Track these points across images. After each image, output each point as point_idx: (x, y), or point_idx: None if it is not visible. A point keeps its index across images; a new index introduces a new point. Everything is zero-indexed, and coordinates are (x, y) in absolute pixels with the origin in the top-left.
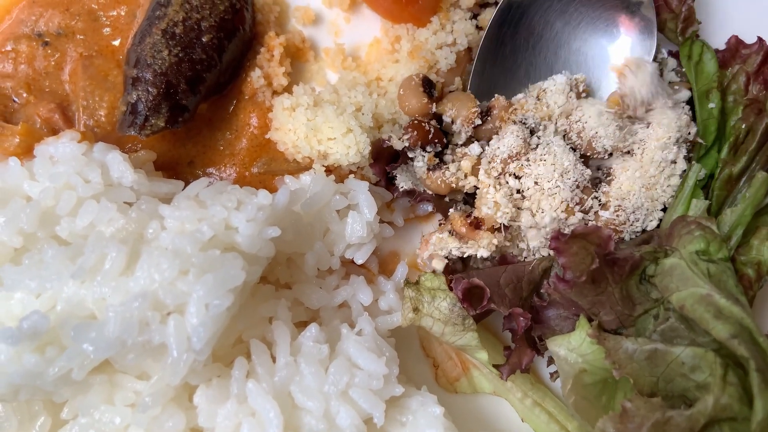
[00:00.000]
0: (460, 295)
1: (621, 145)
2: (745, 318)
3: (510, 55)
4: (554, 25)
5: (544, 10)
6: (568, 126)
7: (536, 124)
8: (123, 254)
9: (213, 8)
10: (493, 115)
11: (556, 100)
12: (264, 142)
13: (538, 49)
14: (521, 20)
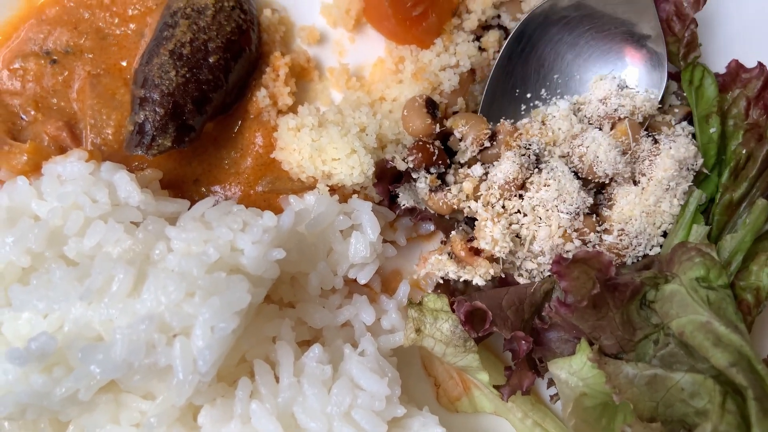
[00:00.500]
0: (462, 318)
1: (623, 172)
2: (744, 346)
3: (520, 84)
4: (564, 57)
5: (555, 42)
6: (570, 150)
7: (541, 149)
8: (130, 276)
9: (220, 29)
10: (498, 140)
11: (560, 125)
12: (269, 161)
13: (548, 79)
14: (532, 51)
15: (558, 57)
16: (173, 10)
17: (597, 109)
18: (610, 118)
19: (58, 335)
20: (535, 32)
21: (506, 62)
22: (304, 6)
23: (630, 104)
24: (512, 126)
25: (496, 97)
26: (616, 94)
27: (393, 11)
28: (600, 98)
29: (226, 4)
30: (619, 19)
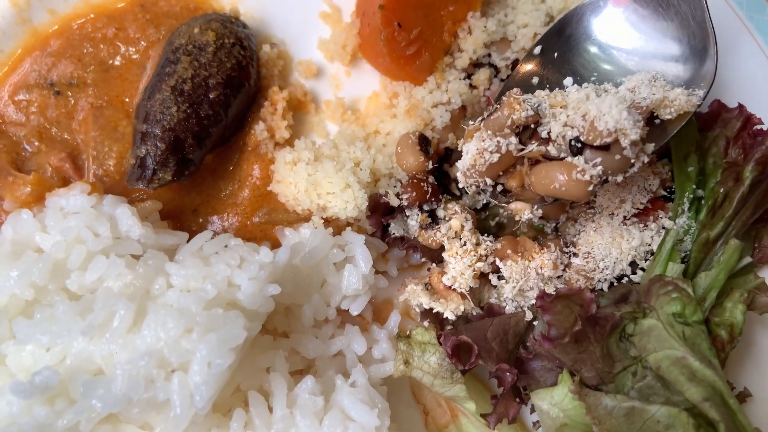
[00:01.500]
0: (449, 351)
1: (632, 129)
2: (717, 381)
3: (551, 77)
4: (602, 64)
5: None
6: (574, 113)
7: (543, 108)
8: (131, 312)
9: (220, 65)
10: (503, 102)
11: (574, 95)
12: (265, 193)
13: (584, 79)
14: (570, 48)
15: (599, 59)
16: (175, 46)
17: (624, 96)
18: (637, 107)
19: (60, 368)
20: (576, 31)
21: (540, 51)
22: (303, 41)
23: (660, 94)
24: (520, 92)
25: (524, 83)
26: (647, 84)
27: (388, 50)
28: (630, 87)
29: (226, 41)
30: (667, 16)
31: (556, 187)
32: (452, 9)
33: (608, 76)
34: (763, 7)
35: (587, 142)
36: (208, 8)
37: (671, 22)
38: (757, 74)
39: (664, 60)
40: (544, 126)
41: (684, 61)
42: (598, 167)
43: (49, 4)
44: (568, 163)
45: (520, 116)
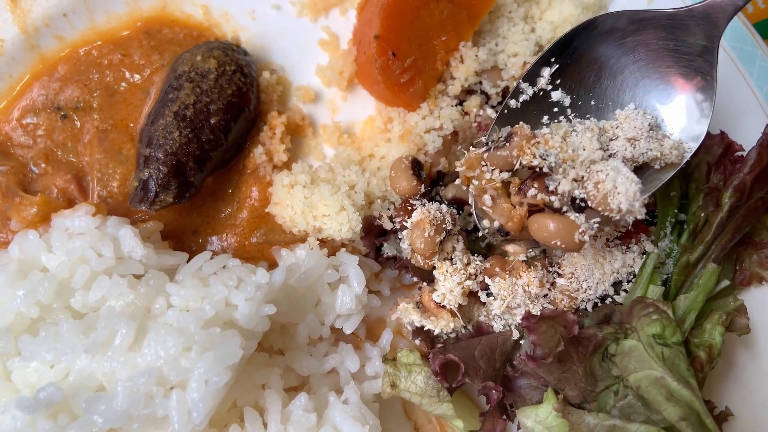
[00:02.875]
0: (436, 369)
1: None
2: (694, 401)
3: (550, 96)
4: (604, 82)
5: (599, 63)
6: (586, 174)
7: (557, 163)
8: (132, 330)
9: (221, 92)
10: (512, 143)
11: (583, 144)
12: (263, 214)
13: (581, 99)
14: (572, 65)
15: (598, 79)
16: (178, 73)
17: (624, 149)
18: (634, 161)
19: (63, 384)
20: (584, 46)
21: (544, 66)
22: (301, 67)
23: (657, 151)
24: (531, 132)
25: (522, 103)
26: (646, 136)
27: (383, 77)
28: (629, 137)
29: (227, 68)
30: (676, 57)
31: (555, 241)
32: (445, 39)
33: (607, 93)
34: (745, 37)
35: (594, 208)
36: (210, 36)
37: (678, 59)
38: (740, 102)
39: (665, 94)
40: (553, 179)
41: (680, 106)
42: (595, 226)
43: (57, 31)
44: (571, 222)
45: (529, 162)
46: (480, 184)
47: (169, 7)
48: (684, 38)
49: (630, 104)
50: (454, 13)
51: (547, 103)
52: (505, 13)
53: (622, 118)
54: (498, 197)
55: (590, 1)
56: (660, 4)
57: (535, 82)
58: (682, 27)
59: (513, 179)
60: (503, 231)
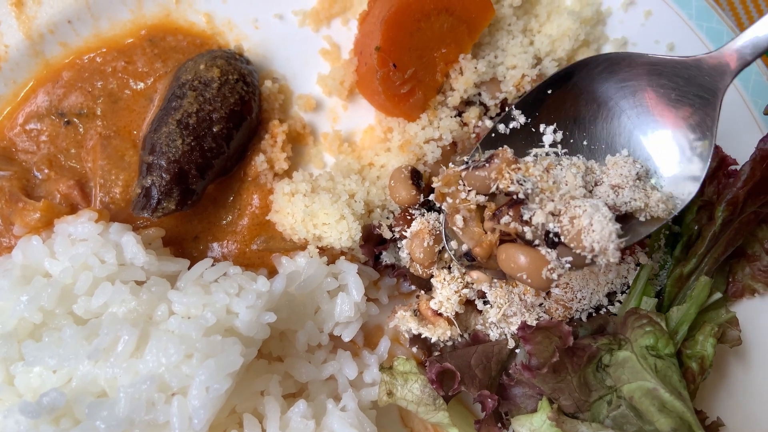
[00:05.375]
0: (433, 377)
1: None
2: (686, 412)
3: (541, 126)
4: (599, 122)
5: (597, 102)
6: (564, 207)
7: (534, 192)
8: (134, 337)
9: (224, 100)
10: (492, 164)
11: (566, 179)
12: (264, 222)
13: (573, 136)
14: (568, 100)
15: (594, 119)
16: (182, 81)
17: (607, 195)
18: (616, 209)
19: (65, 389)
20: (583, 82)
21: (538, 97)
22: (303, 77)
23: (642, 202)
24: (513, 156)
25: (511, 130)
26: (631, 185)
27: (383, 88)
28: (613, 184)
29: (230, 77)
30: (678, 106)
31: (522, 275)
32: (445, 51)
33: (601, 135)
34: None
35: (566, 244)
36: (213, 44)
37: (679, 110)
38: (734, 116)
39: (661, 144)
40: (528, 209)
41: (674, 158)
42: (566, 265)
43: (61, 37)
44: (541, 257)
45: (506, 186)
46: (454, 202)
47: (172, 15)
48: (687, 88)
49: (623, 150)
50: (454, 25)
51: (538, 134)
52: (504, 26)
53: (610, 164)
54: (470, 220)
55: (588, 15)
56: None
57: (529, 112)
58: (686, 77)
59: (489, 204)
60: (470, 256)
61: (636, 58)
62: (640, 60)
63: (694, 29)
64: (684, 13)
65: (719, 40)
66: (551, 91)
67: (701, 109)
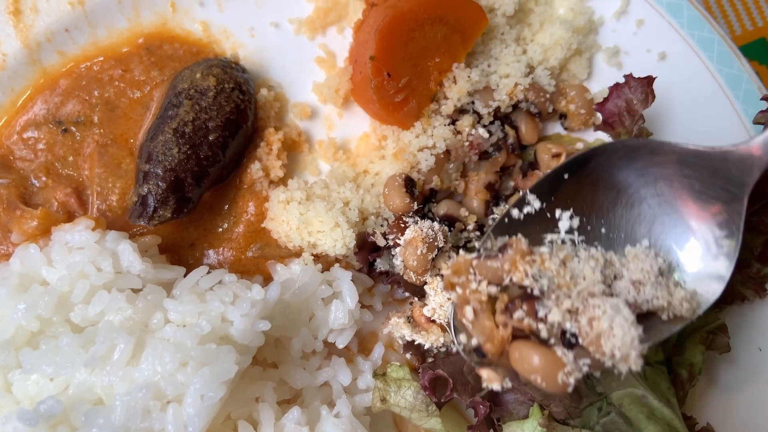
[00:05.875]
0: (426, 384)
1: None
2: (674, 420)
3: (558, 211)
4: (618, 209)
5: (616, 189)
6: (582, 306)
7: (550, 288)
8: (130, 345)
9: (220, 109)
10: (506, 255)
11: (584, 273)
12: (259, 229)
13: (591, 223)
14: (587, 185)
15: (613, 206)
16: (178, 90)
17: (627, 291)
18: (637, 308)
19: (62, 397)
20: (602, 167)
21: (554, 181)
22: (298, 84)
23: (665, 300)
24: (527, 247)
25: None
26: (653, 282)
27: (377, 96)
28: (634, 279)
29: (226, 86)
30: (703, 199)
31: (536, 376)
32: (438, 60)
33: (621, 223)
34: (732, 61)
35: (584, 347)
36: (210, 52)
37: (704, 203)
38: (726, 125)
39: (684, 236)
40: (544, 305)
41: (698, 253)
42: (584, 368)
43: (59, 46)
44: (557, 358)
45: (520, 280)
46: (464, 293)
47: (169, 24)
48: (712, 180)
49: (644, 240)
50: (448, 35)
51: (553, 219)
52: (497, 35)
53: (630, 256)
54: (481, 312)
55: (580, 24)
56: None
57: (545, 196)
58: (711, 168)
59: (501, 295)
60: (480, 352)
61: (657, 145)
62: (662, 148)
63: (686, 38)
64: (676, 22)
65: (711, 49)
66: (568, 176)
67: (728, 204)
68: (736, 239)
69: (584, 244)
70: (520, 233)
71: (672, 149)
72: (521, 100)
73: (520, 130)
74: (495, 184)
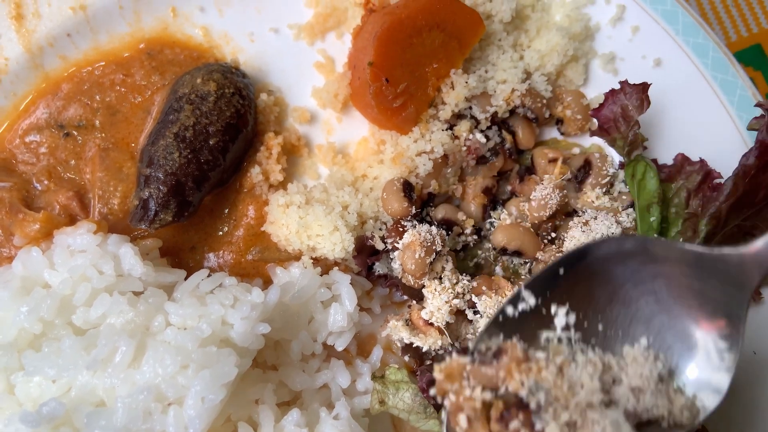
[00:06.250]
0: (424, 386)
1: None
2: None
3: (553, 308)
4: (615, 308)
5: (613, 285)
6: (580, 419)
7: (547, 401)
8: (132, 348)
9: (220, 114)
10: (501, 362)
11: (582, 381)
12: (259, 232)
13: (588, 320)
14: (583, 280)
15: (609, 302)
16: (179, 95)
17: (627, 399)
18: (637, 416)
19: (64, 399)
20: (597, 262)
21: (549, 277)
22: (298, 89)
23: (665, 408)
24: (523, 352)
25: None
26: (653, 390)
27: (376, 102)
28: (633, 386)
29: (226, 90)
30: (700, 299)
31: None
32: (436, 66)
33: (618, 320)
34: (726, 67)
35: None
36: (210, 57)
37: (702, 305)
38: (720, 130)
39: (683, 336)
40: (540, 418)
41: (698, 360)
42: None
43: (61, 50)
44: None
45: (516, 389)
46: (457, 400)
47: (170, 29)
48: (712, 281)
49: (642, 339)
50: (446, 41)
51: (549, 316)
52: (494, 41)
53: (629, 359)
54: (475, 420)
55: (577, 30)
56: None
57: (540, 292)
58: (710, 269)
59: (495, 402)
60: None
61: (653, 242)
62: (658, 246)
63: (681, 45)
64: (671, 28)
65: (706, 55)
66: (563, 271)
67: (728, 305)
68: (735, 353)
69: (581, 343)
70: (515, 335)
71: (669, 247)
72: (518, 106)
73: (517, 135)
74: (492, 189)
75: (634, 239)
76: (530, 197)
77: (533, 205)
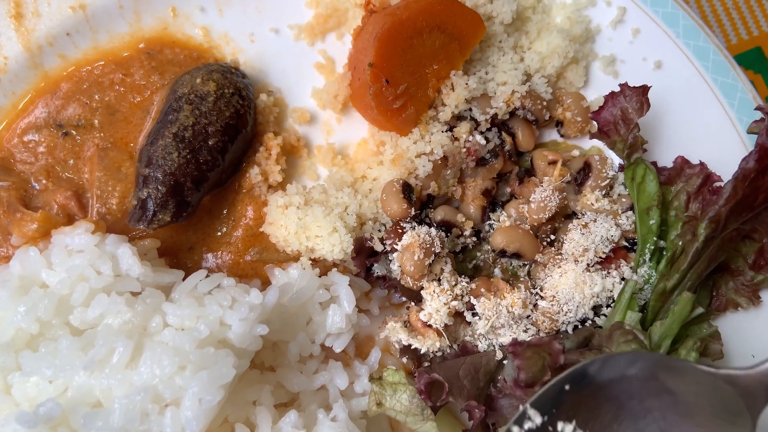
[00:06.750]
0: (421, 388)
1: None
2: None
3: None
4: (623, 422)
5: (616, 407)
6: None
7: None
8: (129, 348)
9: (220, 114)
10: None
11: None
12: (258, 233)
13: None
14: (587, 400)
15: (617, 417)
16: (178, 95)
17: None
18: None
19: (61, 399)
20: (603, 378)
21: (554, 394)
22: (297, 90)
23: None
24: None
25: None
26: None
27: (376, 103)
28: None
29: (226, 91)
30: (709, 415)
31: None
32: (436, 67)
33: None
34: (727, 70)
35: None
36: (210, 57)
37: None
38: (720, 133)
39: None
40: None
41: None
42: None
43: (60, 49)
44: None
45: None
46: None
47: (170, 29)
48: (720, 399)
49: None
50: (446, 43)
51: None
52: (495, 42)
53: None
54: None
55: (577, 32)
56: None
57: (546, 410)
58: (718, 388)
59: None
60: None
61: (660, 360)
62: (666, 363)
63: (682, 47)
64: (672, 31)
65: (706, 58)
66: (569, 387)
67: (736, 423)
68: None
69: None
70: None
71: (676, 365)
72: (518, 108)
73: (516, 136)
74: (492, 191)
75: (641, 354)
76: (530, 199)
77: (533, 207)
